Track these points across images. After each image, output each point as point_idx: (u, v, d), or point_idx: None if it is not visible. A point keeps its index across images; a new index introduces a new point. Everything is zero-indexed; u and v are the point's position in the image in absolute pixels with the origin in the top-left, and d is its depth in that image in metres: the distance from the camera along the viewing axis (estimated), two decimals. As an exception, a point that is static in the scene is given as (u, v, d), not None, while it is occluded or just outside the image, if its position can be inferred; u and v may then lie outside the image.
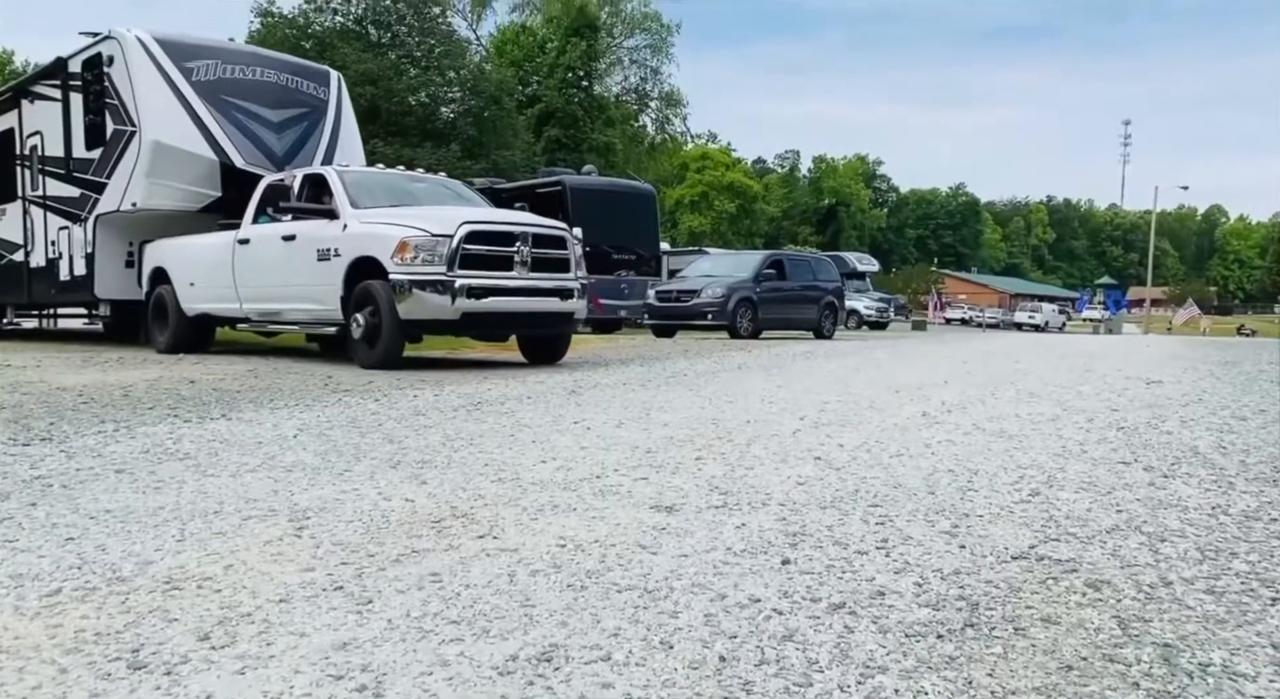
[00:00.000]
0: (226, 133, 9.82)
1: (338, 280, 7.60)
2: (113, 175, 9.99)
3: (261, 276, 8.50)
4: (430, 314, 7.21)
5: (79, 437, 4.06)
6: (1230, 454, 3.78)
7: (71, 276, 10.89)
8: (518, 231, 7.65)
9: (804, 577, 2.14)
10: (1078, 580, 2.13)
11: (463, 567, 2.20)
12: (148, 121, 9.59)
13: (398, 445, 3.87)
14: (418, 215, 7.57)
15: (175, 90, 9.68)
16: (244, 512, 2.73)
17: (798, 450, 3.78)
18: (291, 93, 10.76)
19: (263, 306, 8.72)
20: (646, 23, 42.71)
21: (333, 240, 7.69)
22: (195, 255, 9.48)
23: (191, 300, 9.46)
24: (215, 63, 10.03)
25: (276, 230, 8.38)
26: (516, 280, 7.56)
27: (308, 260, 7.88)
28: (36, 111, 11.51)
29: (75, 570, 2.17)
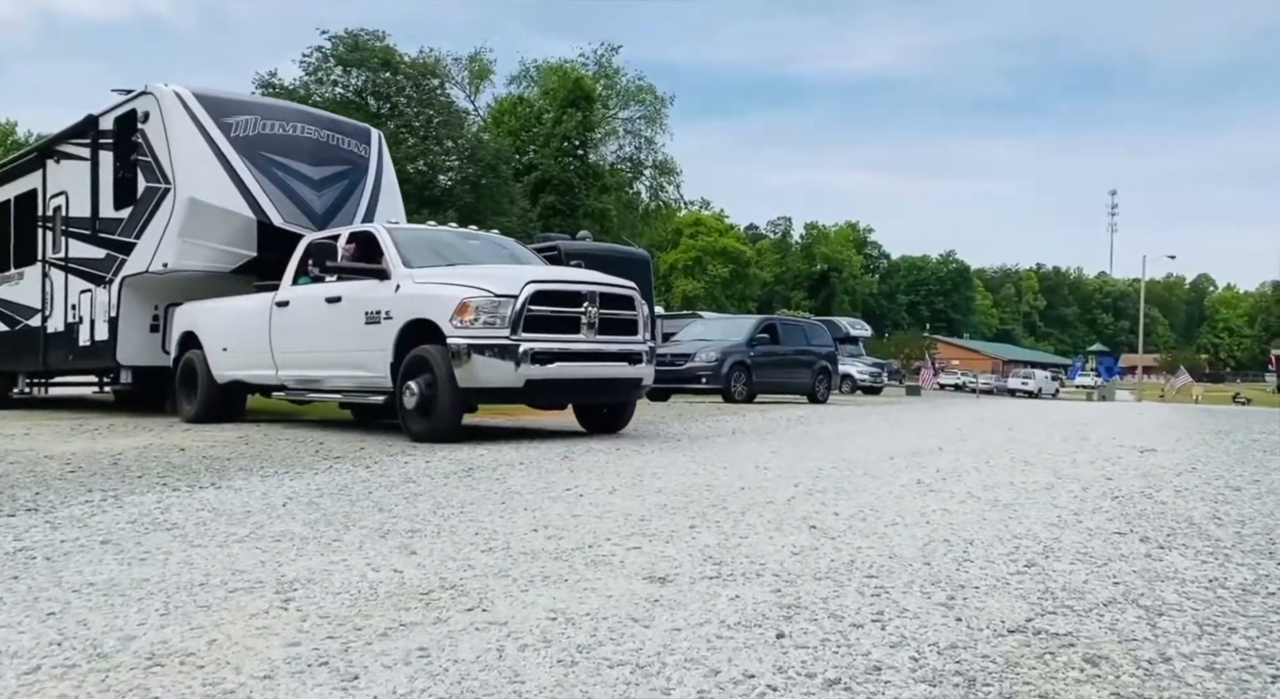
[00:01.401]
0: (265, 190, 9.42)
1: (388, 345, 7.02)
2: (142, 235, 9.63)
3: (301, 341, 7.98)
4: (492, 381, 6.62)
5: (65, 507, 4.02)
6: (1225, 525, 3.76)
7: (92, 342, 10.43)
8: (585, 291, 7.07)
9: (799, 651, 2.11)
10: (1075, 655, 2.10)
11: (451, 641, 2.16)
12: (183, 178, 9.22)
13: (387, 514, 3.83)
14: (478, 274, 7.04)
15: (213, 146, 9.33)
16: (230, 583, 2.68)
17: (792, 518, 3.75)
18: (332, 150, 10.35)
19: (302, 373, 8.15)
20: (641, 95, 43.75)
21: (383, 302, 7.13)
22: (228, 319, 9.00)
23: (223, 366, 8.94)
24: (254, 118, 9.71)
25: (319, 292, 7.83)
26: (584, 344, 6.99)
27: (355, 324, 7.35)
28: (62, 171, 11.21)
29: (55, 646, 2.12)
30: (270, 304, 8.42)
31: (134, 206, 9.76)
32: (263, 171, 9.46)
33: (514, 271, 7.36)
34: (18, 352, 12.12)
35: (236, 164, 9.33)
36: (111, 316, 10.04)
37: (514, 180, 38.12)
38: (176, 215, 9.17)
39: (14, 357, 12.32)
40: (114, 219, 10.08)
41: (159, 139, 9.41)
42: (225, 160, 9.29)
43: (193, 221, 9.14)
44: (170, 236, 9.21)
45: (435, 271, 7.23)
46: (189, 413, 9.29)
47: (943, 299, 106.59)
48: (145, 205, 9.61)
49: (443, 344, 6.65)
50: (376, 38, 34.15)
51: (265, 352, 8.34)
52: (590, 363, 7.06)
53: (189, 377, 9.36)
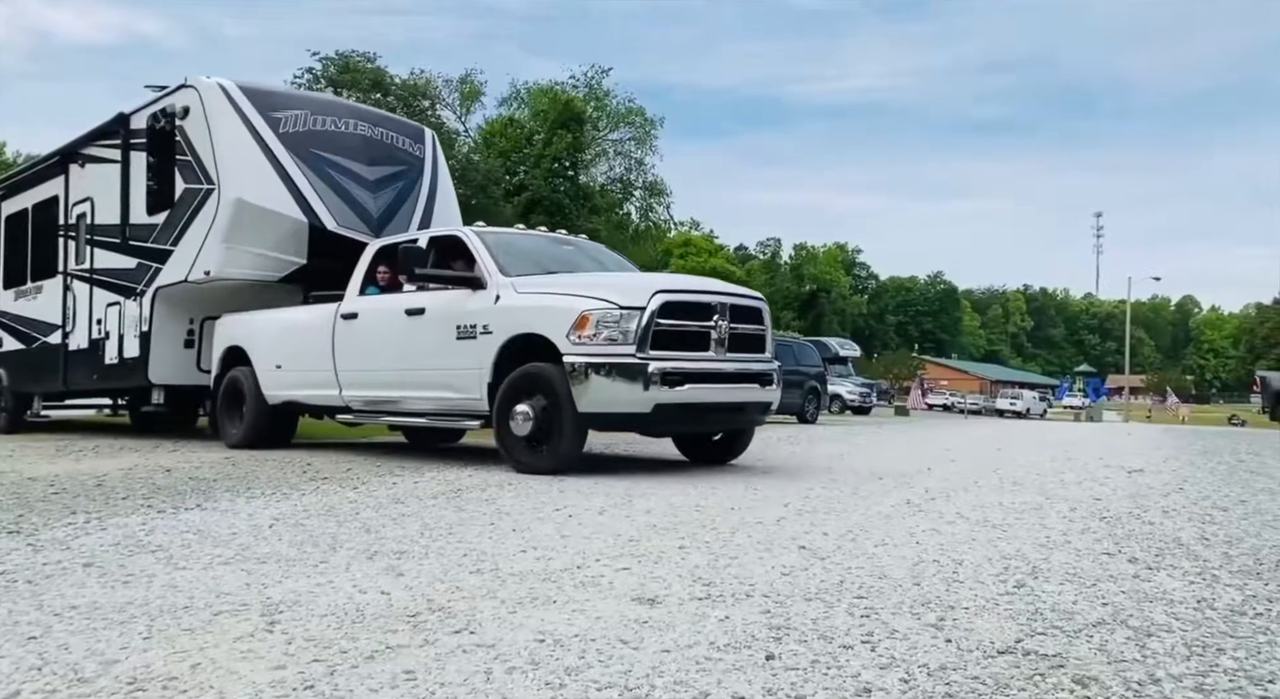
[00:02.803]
0: (317, 191, 8.56)
1: (486, 363, 6.22)
2: (180, 241, 8.82)
3: (373, 359, 7.18)
4: (615, 405, 5.77)
5: (47, 529, 3.97)
6: (1213, 545, 3.78)
7: (120, 359, 9.58)
8: (715, 302, 6.23)
9: (788, 673, 2.10)
10: (1065, 676, 2.09)
11: (438, 664, 2.14)
12: (228, 178, 8.38)
13: (375, 535, 3.81)
14: (594, 283, 6.29)
15: (260, 143, 8.48)
16: (215, 606, 2.65)
17: (782, 539, 3.74)
18: (387, 149, 9.48)
19: (372, 394, 7.30)
20: (631, 117, 44.08)
21: (480, 314, 6.31)
22: (283, 333, 8.16)
23: (276, 386, 8.10)
24: (304, 113, 8.84)
25: (396, 303, 7.04)
26: (715, 363, 6.16)
27: (442, 339, 6.53)
28: (87, 176, 10.41)
29: (35, 671, 2.09)
30: (333, 317, 7.58)
31: (170, 211, 9.03)
32: (314, 171, 8.64)
33: (636, 280, 6.71)
34: (35, 371, 11.31)
35: (286, 162, 8.51)
36: (143, 331, 9.25)
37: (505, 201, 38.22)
38: (220, 218, 8.36)
39: (30, 377, 11.50)
40: (147, 225, 9.35)
41: (201, 136, 8.63)
42: (274, 158, 8.49)
43: (238, 225, 8.34)
44: (213, 242, 8.41)
45: (538, 280, 6.47)
46: (234, 437, 8.43)
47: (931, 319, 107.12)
48: (184, 209, 8.84)
49: (557, 363, 5.86)
50: (367, 59, 34.32)
51: (327, 370, 7.55)
52: (722, 384, 6.24)
53: (233, 397, 8.54)
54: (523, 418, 6.00)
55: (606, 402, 5.76)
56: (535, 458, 6.03)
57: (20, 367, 11.60)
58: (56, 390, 11.23)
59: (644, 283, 6.30)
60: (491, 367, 6.22)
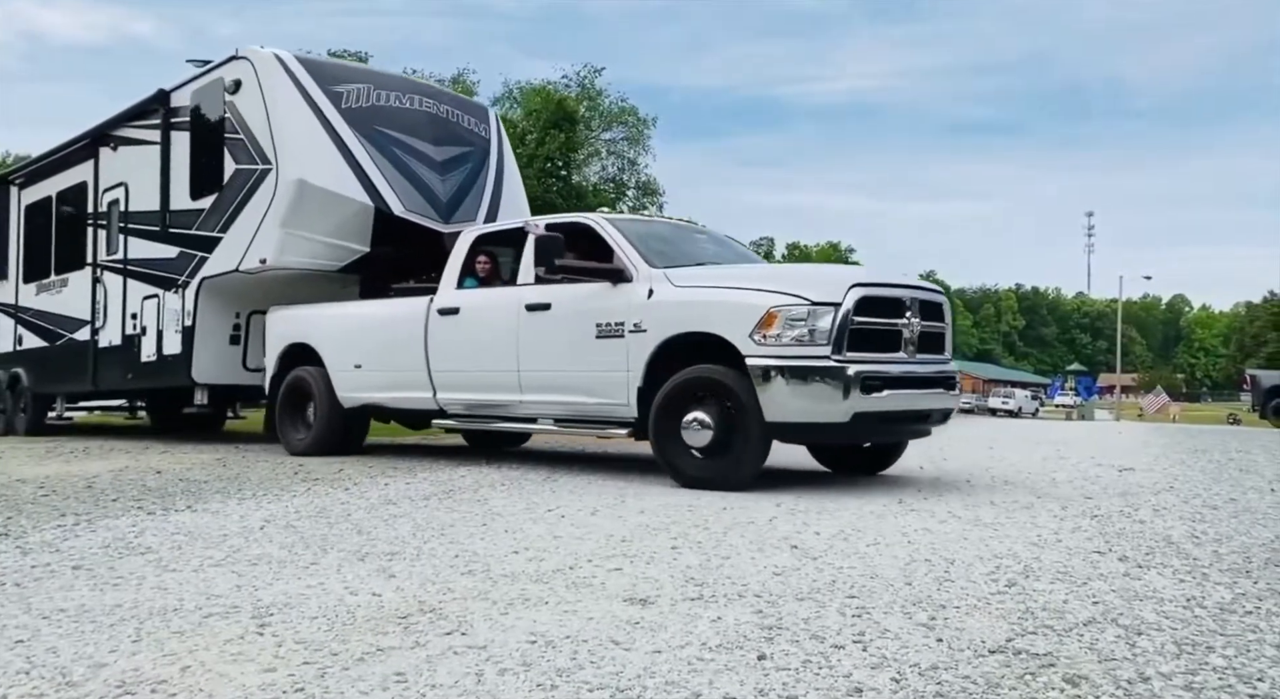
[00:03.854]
0: (383, 172, 7.89)
1: (636, 365, 5.59)
2: (230, 227, 8.14)
3: (480, 359, 6.52)
4: (810, 415, 5.10)
5: (36, 531, 3.95)
6: (1203, 544, 3.79)
7: (159, 356, 8.91)
8: (907, 297, 5.55)
9: (780, 673, 2.10)
10: (1055, 675, 2.10)
11: (429, 665, 2.14)
12: (288, 157, 7.69)
13: (366, 536, 3.80)
14: (775, 276, 5.67)
15: (322, 119, 7.81)
16: (205, 608, 2.64)
17: (774, 538, 3.75)
18: (453, 127, 8.80)
19: (477, 397, 6.64)
20: (624, 116, 44.08)
21: (628, 311, 5.67)
22: (363, 329, 7.46)
23: (354, 387, 7.39)
24: (367, 88, 8.18)
25: (511, 297, 6.39)
26: (908, 365, 5.50)
27: (576, 337, 5.93)
28: (121, 159, 9.74)
29: (23, 675, 2.08)
30: (427, 312, 6.88)
31: (218, 195, 8.33)
32: (379, 150, 7.96)
33: (821, 272, 6.09)
34: (60, 370, 10.61)
35: (349, 141, 7.83)
36: (185, 326, 8.56)
37: (497, 201, 38.18)
38: (279, 201, 7.66)
39: (53, 376, 10.79)
40: (190, 211, 8.66)
41: (255, 112, 7.95)
42: (337, 136, 7.81)
43: (299, 208, 7.65)
44: (270, 227, 7.73)
45: (695, 273, 5.84)
46: (300, 443, 7.71)
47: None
48: (235, 192, 8.15)
49: (732, 365, 5.24)
50: (359, 59, 34.30)
51: (419, 370, 6.88)
52: (917, 390, 5.56)
53: (296, 399, 7.79)
54: (698, 427, 5.32)
55: (799, 411, 5.11)
56: (709, 471, 5.33)
57: (42, 365, 10.94)
58: (85, 391, 10.59)
59: (832, 275, 5.67)
60: (644, 369, 5.58)
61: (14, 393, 11.47)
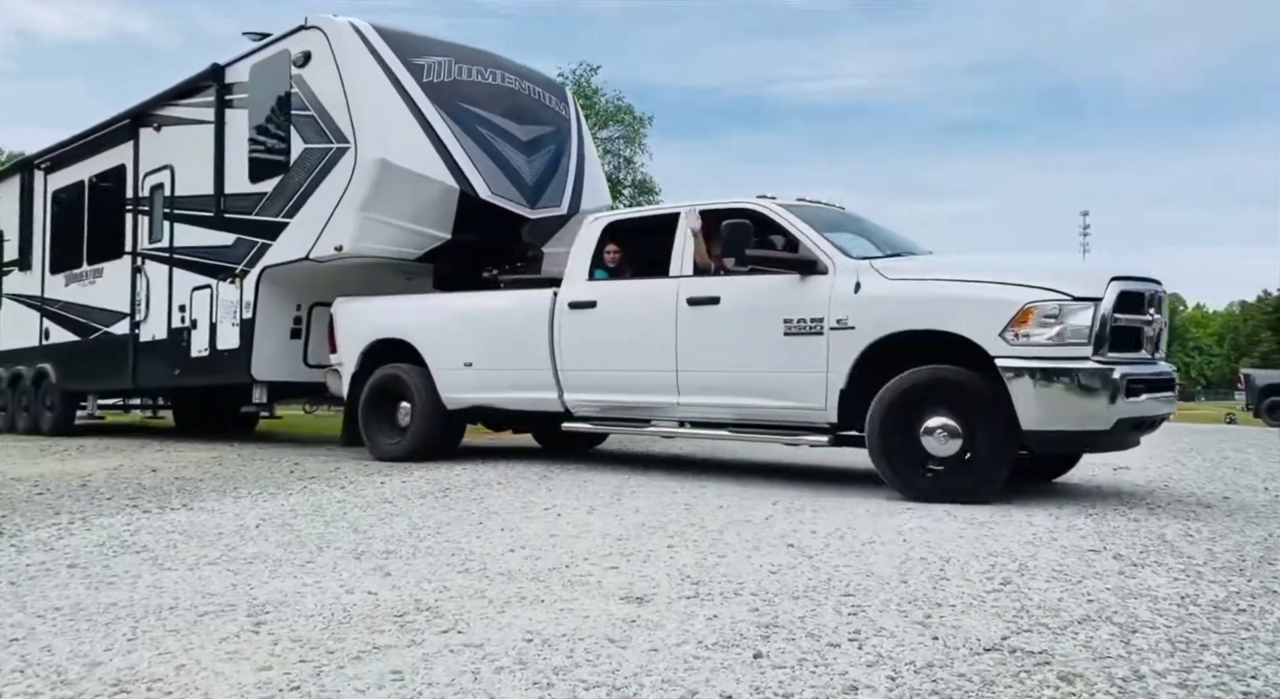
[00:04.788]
0: (468, 152, 7.40)
1: (840, 365, 5.12)
2: (298, 212, 7.60)
3: (624, 357, 6.01)
4: (1071, 421, 4.65)
5: (31, 530, 3.94)
6: (1198, 542, 3.80)
7: (212, 351, 8.36)
8: (1149, 291, 5.08)
9: (776, 671, 2.10)
10: (1050, 673, 2.11)
11: (425, 664, 2.14)
12: (369, 135, 7.14)
13: (363, 535, 3.79)
14: (1017, 268, 5.05)
15: (404, 94, 7.28)
16: (200, 607, 2.64)
17: (770, 537, 3.75)
18: (535, 105, 8.27)
19: (619, 399, 6.10)
20: (619, 115, 44.15)
21: (828, 305, 5.19)
22: (472, 324, 6.84)
23: (461, 388, 6.79)
24: (448, 61, 7.61)
25: (666, 290, 5.82)
26: (1153, 366, 5.09)
27: (758, 335, 5.41)
28: (166, 141, 9.20)
29: (18, 674, 2.07)
30: (552, 305, 6.34)
31: (283, 177, 7.77)
32: (464, 129, 7.46)
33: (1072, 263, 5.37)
34: (93, 366, 10.05)
35: (433, 118, 7.32)
36: (244, 319, 8.03)
37: (494, 199, 38.11)
38: (358, 183, 7.12)
39: (86, 372, 10.22)
40: (250, 195, 8.11)
41: (328, 86, 7.41)
42: (419, 113, 7.29)
43: (380, 191, 7.12)
44: (347, 211, 7.18)
45: (909, 265, 5.38)
46: (392, 447, 7.04)
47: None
48: (303, 174, 7.59)
49: (965, 365, 4.82)
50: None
51: (542, 369, 6.36)
52: (1163, 393, 5.10)
53: (383, 399, 7.15)
54: (944, 436, 4.82)
55: (1058, 417, 4.66)
56: (951, 483, 4.82)
57: (73, 361, 10.37)
58: (123, 388, 10.02)
59: (1086, 267, 5.11)
60: (849, 370, 5.13)
61: (38, 390, 10.94)
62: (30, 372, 11.05)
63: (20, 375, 11.24)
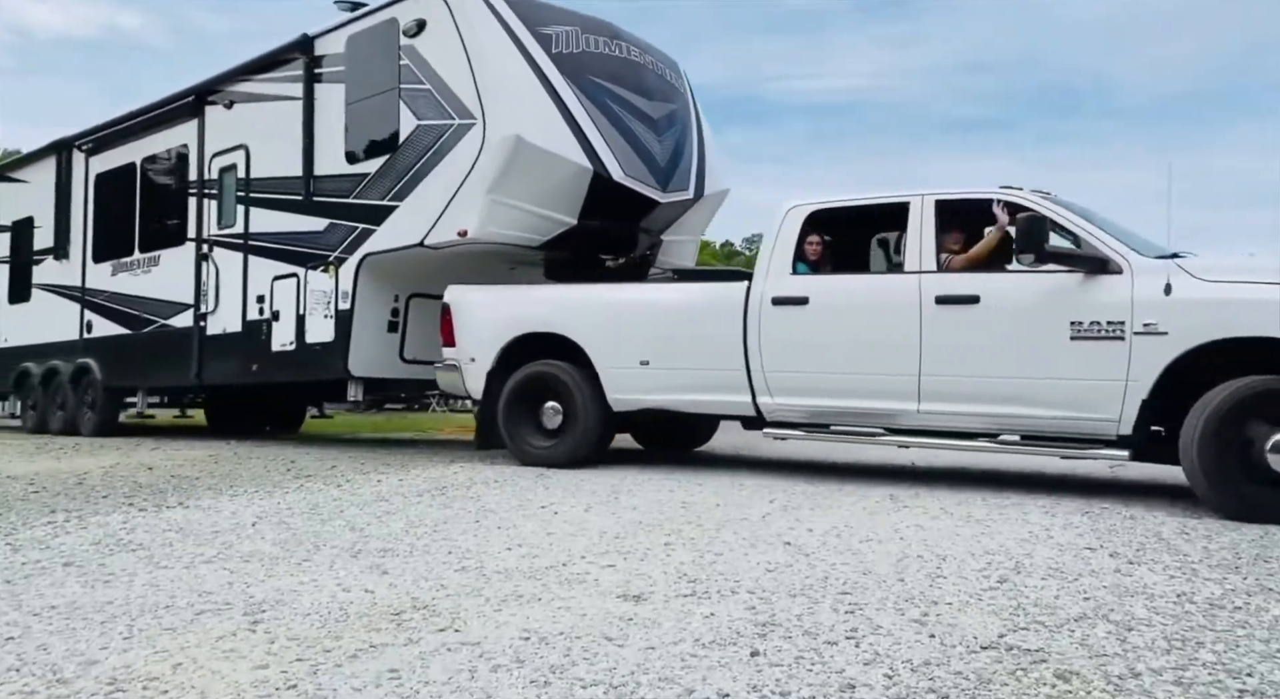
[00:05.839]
0: (600, 130, 6.89)
1: (1145, 373, 4.72)
2: (409, 195, 7.09)
3: (845, 359, 5.53)
4: None
5: (27, 528, 3.93)
6: (1193, 540, 3.81)
7: (299, 345, 7.84)
8: None
9: (773, 669, 2.10)
10: (1047, 671, 2.11)
11: (422, 662, 2.13)
12: (500, 110, 6.60)
13: (359, 533, 3.79)
14: None
15: (534, 66, 6.76)
16: (197, 605, 2.64)
17: (767, 535, 3.75)
18: (661, 80, 7.72)
19: (836, 405, 5.60)
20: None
21: (1127, 308, 4.78)
22: (651, 319, 6.26)
23: (634, 388, 6.24)
24: (575, 31, 7.11)
25: (904, 287, 5.38)
26: None
27: (1035, 338, 5.00)
28: (238, 119, 8.66)
29: (14, 673, 2.07)
30: (745, 301, 5.86)
31: (390, 157, 7.26)
32: (595, 104, 6.95)
33: None
34: (147, 361, 9.50)
35: (563, 92, 6.80)
36: (341, 311, 7.49)
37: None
38: (487, 162, 6.60)
39: (137, 368, 9.65)
40: (347, 176, 7.58)
41: (448, 58, 6.88)
42: (550, 86, 6.78)
43: (512, 171, 6.59)
44: (473, 193, 6.65)
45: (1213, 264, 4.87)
46: (544, 452, 6.44)
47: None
48: (415, 153, 7.07)
49: None
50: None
51: (734, 369, 5.88)
52: None
53: (526, 399, 6.55)
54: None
55: None
56: None
57: (121, 356, 9.78)
58: (184, 385, 9.48)
59: None
60: (1156, 379, 4.73)
61: (77, 387, 10.26)
62: (68, 367, 10.30)
63: (55, 372, 10.50)
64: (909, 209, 5.52)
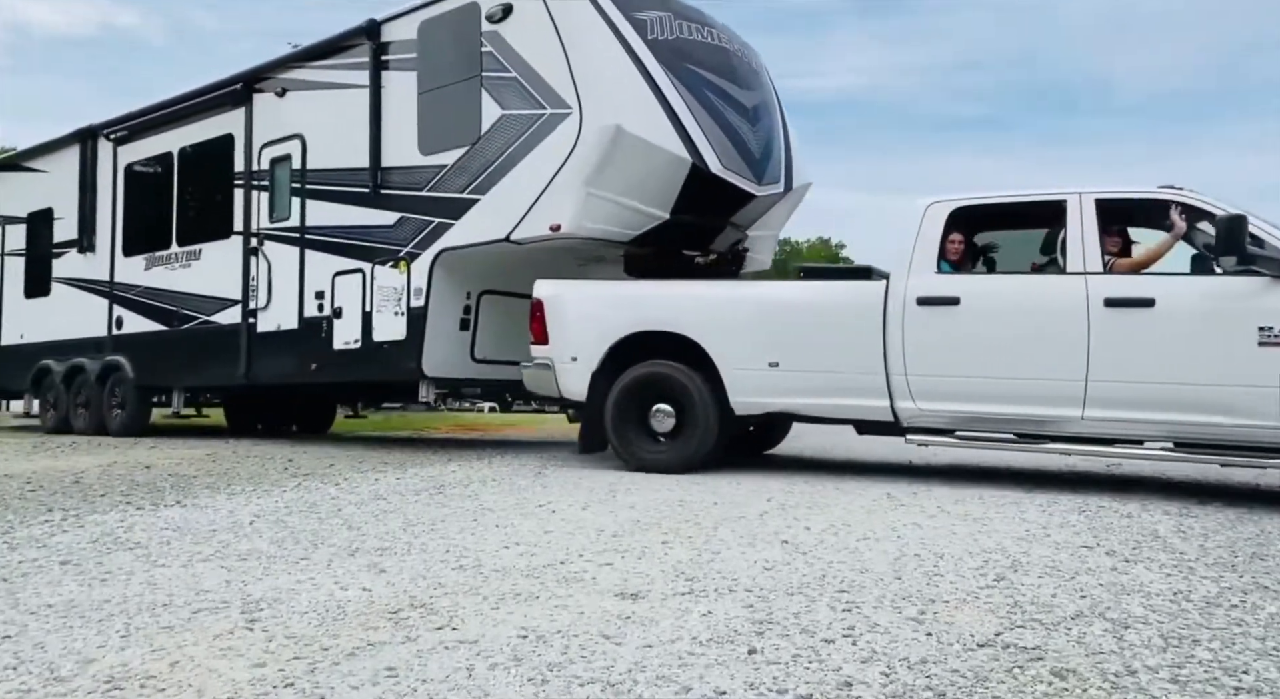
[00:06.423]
0: (698, 120, 6.63)
1: None
2: (492, 188, 6.82)
3: (1002, 362, 5.30)
4: None
5: (24, 526, 3.93)
6: (1190, 539, 3.82)
7: (366, 343, 7.58)
8: None
9: (770, 667, 2.10)
10: (1043, 669, 2.11)
11: (420, 660, 2.13)
12: (598, 99, 6.36)
13: (357, 531, 3.79)
14: None
15: (631, 53, 6.49)
16: (194, 604, 2.64)
17: (765, 533, 3.76)
18: (749, 69, 7.45)
19: (988, 410, 5.37)
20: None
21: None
22: (783, 319, 5.94)
23: (759, 391, 5.93)
24: (668, 16, 6.85)
25: (1067, 288, 5.19)
26: None
27: (1217, 343, 4.87)
28: (292, 107, 8.34)
29: (10, 671, 2.07)
30: (884, 300, 5.60)
31: (470, 148, 6.97)
32: (691, 92, 6.69)
33: None
34: (187, 359, 9.19)
35: (660, 80, 6.52)
36: (413, 308, 7.25)
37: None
38: (584, 153, 6.35)
39: (177, 366, 9.35)
40: (420, 168, 7.30)
41: (538, 44, 6.63)
42: (647, 74, 6.50)
43: (610, 163, 6.34)
44: (568, 185, 6.39)
45: None
46: (659, 456, 6.11)
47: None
48: (500, 144, 6.81)
49: None
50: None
51: (870, 372, 5.63)
52: None
53: (634, 400, 6.18)
54: None
55: None
56: None
57: (155, 354, 9.44)
58: (230, 384, 9.10)
59: None
60: None
61: (104, 385, 9.83)
62: (95, 365, 9.90)
63: (80, 369, 10.08)
64: (1065, 208, 5.35)
